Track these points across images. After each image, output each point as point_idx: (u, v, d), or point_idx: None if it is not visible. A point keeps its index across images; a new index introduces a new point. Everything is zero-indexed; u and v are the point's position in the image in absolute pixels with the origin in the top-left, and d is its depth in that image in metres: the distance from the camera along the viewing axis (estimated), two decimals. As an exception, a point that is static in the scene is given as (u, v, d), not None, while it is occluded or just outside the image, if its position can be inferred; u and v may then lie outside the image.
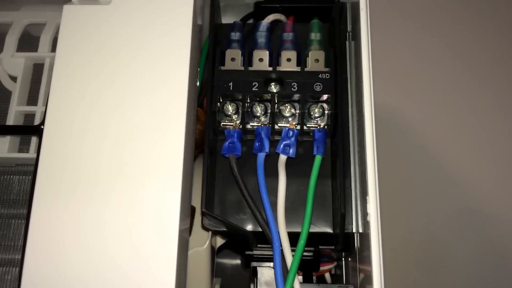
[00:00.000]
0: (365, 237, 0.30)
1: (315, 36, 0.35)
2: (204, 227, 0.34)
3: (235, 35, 0.35)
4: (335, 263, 0.39)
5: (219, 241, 0.38)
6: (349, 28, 0.37)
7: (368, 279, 0.28)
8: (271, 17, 0.38)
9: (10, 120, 0.35)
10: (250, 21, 0.40)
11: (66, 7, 0.32)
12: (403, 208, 0.56)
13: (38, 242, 0.28)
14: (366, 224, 0.30)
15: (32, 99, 0.36)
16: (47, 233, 0.28)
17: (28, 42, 0.39)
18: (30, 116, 0.36)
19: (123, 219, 0.28)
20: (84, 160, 0.29)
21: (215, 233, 0.37)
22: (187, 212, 0.32)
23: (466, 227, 0.57)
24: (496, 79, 0.62)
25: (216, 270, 0.40)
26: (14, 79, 0.36)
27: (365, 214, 0.30)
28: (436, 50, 0.62)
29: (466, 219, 0.57)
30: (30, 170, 0.34)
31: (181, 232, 0.28)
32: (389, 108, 0.58)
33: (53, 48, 0.37)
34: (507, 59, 0.63)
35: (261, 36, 0.35)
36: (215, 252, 0.39)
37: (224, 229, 0.33)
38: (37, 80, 0.36)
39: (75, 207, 0.28)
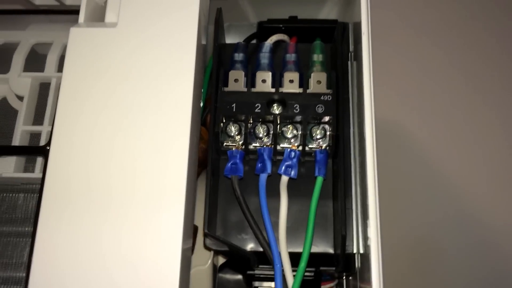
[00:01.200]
0: (365, 258, 0.31)
1: (317, 57, 0.36)
2: (206, 247, 0.34)
3: (239, 56, 0.36)
4: (336, 281, 0.39)
5: (221, 259, 0.39)
6: (351, 48, 0.38)
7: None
8: (274, 38, 0.38)
9: (16, 140, 0.35)
10: (254, 41, 0.40)
11: (73, 30, 0.32)
12: (404, 230, 0.56)
13: (43, 261, 0.28)
14: (367, 246, 0.30)
15: (38, 118, 0.37)
16: (51, 252, 0.28)
17: (35, 60, 0.40)
18: (36, 136, 0.36)
19: (127, 238, 0.28)
20: (89, 181, 0.29)
21: (217, 252, 0.37)
22: (190, 231, 0.32)
23: (472, 255, 0.57)
24: (498, 92, 0.62)
25: (217, 288, 0.40)
26: (20, 98, 0.37)
27: (366, 236, 0.30)
28: (439, 68, 0.62)
29: (472, 244, 0.57)
30: (36, 188, 0.35)
31: (184, 251, 0.29)
32: (391, 127, 0.59)
33: (60, 67, 0.37)
34: (510, 72, 0.63)
35: (264, 57, 0.36)
36: (216, 271, 0.39)
37: (226, 249, 0.33)
38: (43, 100, 0.37)
39: (79, 227, 0.28)
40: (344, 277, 0.38)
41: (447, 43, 0.63)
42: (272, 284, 0.35)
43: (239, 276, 0.40)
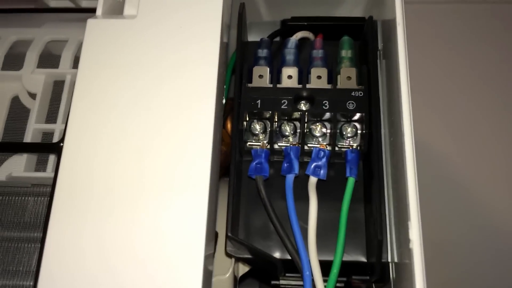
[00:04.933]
0: (401, 267, 0.28)
1: (346, 53, 0.34)
2: (228, 254, 0.32)
3: (263, 52, 0.34)
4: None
5: (241, 269, 0.36)
6: (380, 46, 0.36)
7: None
8: (299, 34, 0.36)
9: (28, 138, 0.33)
10: (277, 39, 0.38)
11: (90, 21, 0.31)
12: (440, 235, 0.54)
13: (52, 268, 0.26)
14: (403, 252, 0.27)
15: (51, 117, 0.35)
16: (62, 258, 0.26)
17: (49, 60, 0.38)
18: (48, 135, 0.34)
19: (146, 244, 0.26)
20: (105, 180, 0.27)
21: (238, 260, 0.35)
22: (212, 237, 0.30)
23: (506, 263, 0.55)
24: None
25: (237, 301, 0.37)
26: (33, 96, 0.35)
27: (402, 241, 0.28)
28: (469, 72, 0.61)
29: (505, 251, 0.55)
30: (46, 191, 0.32)
31: (206, 258, 0.26)
32: (424, 131, 0.57)
33: (75, 65, 0.36)
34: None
35: (290, 53, 0.34)
36: (237, 282, 0.36)
37: (250, 256, 0.31)
38: (57, 98, 0.35)
39: (94, 230, 0.26)
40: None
41: (476, 54, 0.62)
42: (300, 294, 0.32)
43: (261, 289, 0.38)
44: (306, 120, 0.31)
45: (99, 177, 0.27)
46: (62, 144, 0.28)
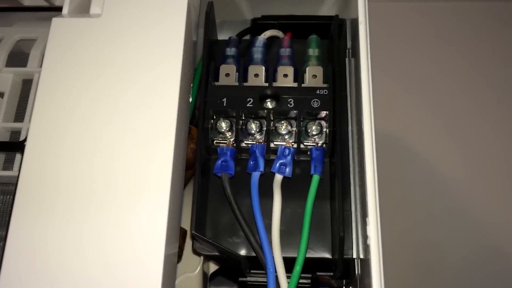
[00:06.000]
0: (366, 263, 0.28)
1: (313, 51, 0.34)
2: (195, 252, 0.32)
3: (230, 51, 0.34)
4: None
5: (212, 267, 0.36)
6: (348, 45, 0.36)
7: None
8: (268, 33, 0.37)
9: (-5, 137, 0.33)
10: (247, 37, 0.39)
11: (55, 20, 0.31)
12: (403, 230, 0.54)
13: (14, 267, 0.26)
14: (366, 249, 0.28)
15: (19, 115, 0.35)
16: (23, 258, 0.26)
17: (21, 58, 0.38)
18: (16, 133, 0.34)
19: (106, 240, 0.26)
20: (67, 179, 0.27)
21: (207, 258, 0.35)
22: (176, 236, 0.30)
23: (475, 259, 0.55)
24: (498, 96, 0.61)
25: (209, 298, 0.37)
26: (1, 94, 0.35)
27: (365, 238, 0.28)
28: (436, 69, 0.61)
29: (475, 248, 0.55)
30: (13, 190, 0.32)
31: (167, 256, 0.27)
32: (389, 126, 0.57)
33: (44, 63, 0.36)
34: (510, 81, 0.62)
35: (257, 52, 0.34)
36: (207, 279, 0.36)
37: (217, 253, 0.31)
38: (25, 96, 0.35)
39: (55, 228, 0.26)
40: (343, 287, 0.36)
41: (451, 44, 0.63)
42: (266, 291, 0.32)
43: (232, 286, 0.38)
44: (272, 118, 0.32)
45: (61, 176, 0.27)
46: (25, 143, 0.28)
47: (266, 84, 0.32)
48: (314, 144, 0.31)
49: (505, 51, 0.63)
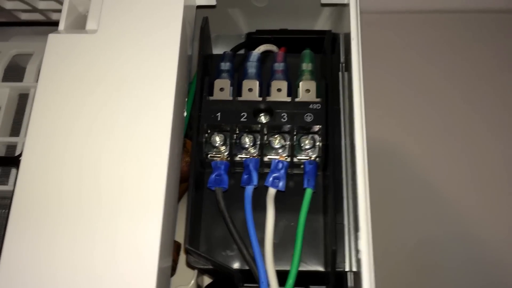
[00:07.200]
0: (358, 276, 0.29)
1: (306, 66, 0.34)
2: (189, 265, 0.32)
3: (225, 65, 0.35)
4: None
5: (206, 280, 0.36)
6: (342, 59, 0.37)
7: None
8: (262, 48, 0.37)
9: (-9, 151, 0.34)
10: (242, 52, 0.39)
11: (51, 36, 0.31)
12: (396, 244, 0.54)
13: (8, 281, 0.26)
14: (359, 262, 0.28)
15: (15, 130, 0.35)
16: (18, 271, 0.26)
17: (17, 73, 0.38)
18: (12, 148, 0.34)
19: (99, 254, 0.26)
20: (61, 193, 0.28)
21: (201, 271, 0.35)
22: (169, 249, 0.30)
23: (468, 270, 0.55)
24: (491, 109, 0.61)
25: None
26: (-3, 109, 0.36)
27: (358, 251, 0.28)
28: (430, 83, 0.62)
29: (469, 259, 0.55)
30: (8, 204, 0.33)
31: (161, 270, 0.27)
32: (382, 140, 0.57)
33: (40, 78, 0.36)
34: (504, 92, 0.62)
35: (252, 66, 0.34)
36: (202, 292, 0.36)
37: (210, 267, 0.31)
38: (21, 111, 0.35)
39: (49, 242, 0.26)
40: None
41: (445, 57, 0.63)
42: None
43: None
44: (265, 132, 0.32)
45: (55, 190, 0.28)
46: (21, 158, 0.28)
47: (260, 99, 0.32)
48: (307, 158, 0.32)
49: (497, 60, 0.64)
